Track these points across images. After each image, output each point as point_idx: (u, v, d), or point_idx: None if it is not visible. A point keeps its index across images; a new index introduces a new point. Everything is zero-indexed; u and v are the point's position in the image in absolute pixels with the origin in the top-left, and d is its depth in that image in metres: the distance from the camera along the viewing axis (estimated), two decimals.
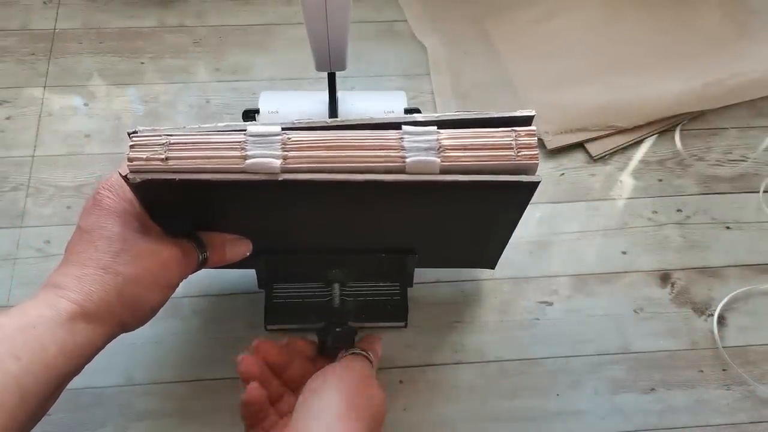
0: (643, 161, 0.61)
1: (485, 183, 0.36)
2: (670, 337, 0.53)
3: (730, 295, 0.54)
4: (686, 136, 0.63)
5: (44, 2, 0.68)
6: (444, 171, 0.35)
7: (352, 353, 0.45)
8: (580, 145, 0.62)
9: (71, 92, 0.63)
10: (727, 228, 0.58)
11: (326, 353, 0.49)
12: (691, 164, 0.61)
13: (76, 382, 0.49)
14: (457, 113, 0.37)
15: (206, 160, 0.35)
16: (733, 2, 0.69)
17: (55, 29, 0.66)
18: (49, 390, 0.34)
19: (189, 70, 0.65)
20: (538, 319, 0.54)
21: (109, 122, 0.61)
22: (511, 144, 0.36)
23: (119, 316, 0.37)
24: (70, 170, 0.58)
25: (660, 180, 0.60)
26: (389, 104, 0.55)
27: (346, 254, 0.47)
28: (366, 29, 0.68)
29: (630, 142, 0.62)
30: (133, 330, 0.40)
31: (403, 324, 0.51)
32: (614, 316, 0.54)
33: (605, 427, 0.50)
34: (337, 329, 0.48)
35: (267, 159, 0.35)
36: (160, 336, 0.51)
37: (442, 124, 0.36)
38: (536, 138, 0.36)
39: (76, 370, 0.36)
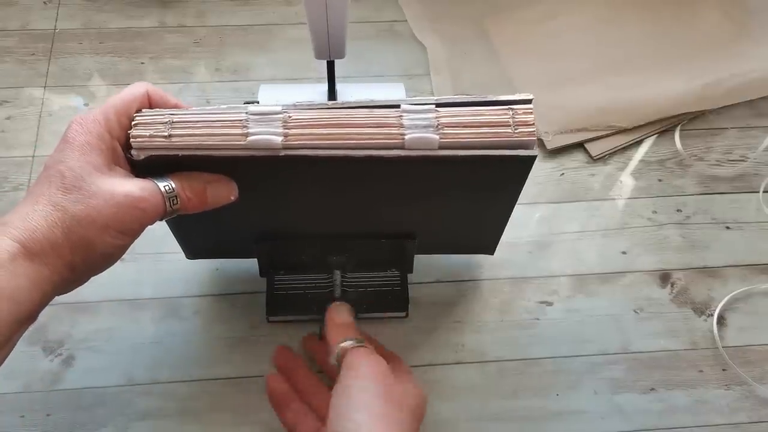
0: (643, 161, 0.61)
1: (483, 157, 0.36)
2: (670, 337, 0.53)
3: (730, 295, 0.54)
4: (686, 136, 0.63)
5: (44, 2, 0.68)
6: (442, 148, 0.36)
7: (355, 347, 0.43)
8: (580, 145, 0.62)
9: (71, 92, 0.63)
10: (727, 228, 0.58)
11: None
12: (691, 164, 0.61)
13: (76, 383, 0.49)
14: (455, 97, 0.37)
15: (209, 138, 0.36)
16: (732, 2, 0.69)
17: (55, 29, 0.66)
18: None
19: (189, 70, 0.65)
20: (538, 319, 0.54)
21: None
22: (508, 121, 0.36)
23: (66, 258, 0.33)
24: None
25: (660, 180, 0.60)
26: (388, 96, 0.56)
27: (347, 239, 0.48)
28: (366, 29, 0.68)
29: (630, 142, 0.62)
30: (87, 279, 0.36)
31: (404, 314, 0.52)
32: (614, 316, 0.54)
33: (605, 427, 0.50)
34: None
35: (268, 136, 0.35)
36: (161, 336, 0.51)
37: (441, 105, 0.37)
38: (533, 115, 0.36)
39: (26, 317, 0.32)
